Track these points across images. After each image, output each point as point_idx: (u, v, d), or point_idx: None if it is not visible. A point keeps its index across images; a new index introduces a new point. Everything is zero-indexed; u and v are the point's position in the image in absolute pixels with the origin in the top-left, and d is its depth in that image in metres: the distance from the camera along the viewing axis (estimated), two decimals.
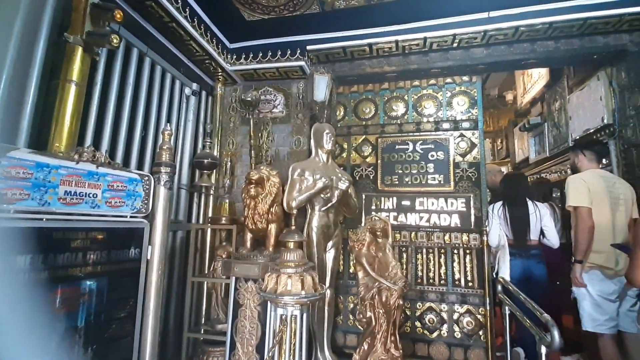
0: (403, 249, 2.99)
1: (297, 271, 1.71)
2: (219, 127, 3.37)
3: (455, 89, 3.17)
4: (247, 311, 2.12)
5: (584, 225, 2.18)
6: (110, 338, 1.71)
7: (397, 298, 1.62)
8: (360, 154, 3.30)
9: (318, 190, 2.44)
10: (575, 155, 2.51)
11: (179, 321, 2.80)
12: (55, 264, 1.50)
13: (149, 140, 2.66)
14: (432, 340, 2.78)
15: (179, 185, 2.99)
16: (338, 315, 2.98)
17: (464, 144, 3.04)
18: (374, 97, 3.39)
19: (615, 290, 2.17)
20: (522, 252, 2.61)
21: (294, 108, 3.29)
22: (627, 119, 2.65)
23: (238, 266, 2.14)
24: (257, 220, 2.23)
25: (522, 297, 2.02)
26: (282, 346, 1.64)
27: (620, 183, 2.34)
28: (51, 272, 1.48)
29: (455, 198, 2.95)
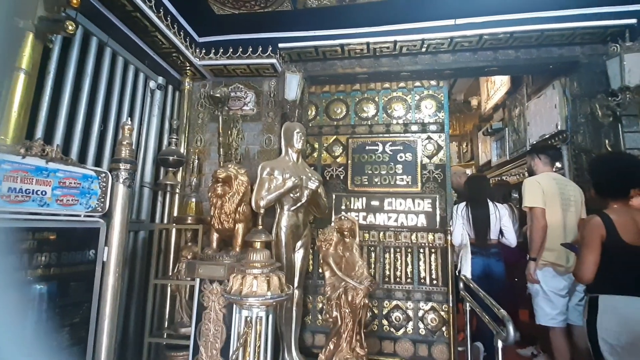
0: (372, 249, 3.03)
1: (263, 272, 1.68)
2: (186, 124, 3.25)
3: (424, 92, 3.26)
4: (211, 314, 2.06)
5: (538, 224, 2.32)
6: (61, 346, 1.60)
7: (362, 297, 1.64)
8: (331, 154, 3.31)
9: (287, 189, 2.41)
10: (531, 159, 2.66)
11: (139, 326, 2.67)
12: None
13: (108, 135, 2.52)
14: (398, 338, 2.84)
15: (142, 183, 2.85)
16: (307, 315, 2.97)
17: (431, 146, 3.13)
18: (345, 98, 3.41)
19: (565, 286, 2.32)
20: (482, 250, 2.73)
21: (265, 106, 3.24)
22: (578, 126, 2.84)
23: (203, 267, 2.07)
24: (224, 219, 2.17)
25: (481, 294, 2.11)
26: (247, 349, 1.61)
27: (571, 185, 2.50)
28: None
29: (422, 199, 3.03)
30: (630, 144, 2.53)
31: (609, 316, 1.60)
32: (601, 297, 1.64)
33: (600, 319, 1.62)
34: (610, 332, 1.58)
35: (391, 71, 3.10)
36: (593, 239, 1.64)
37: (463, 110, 6.41)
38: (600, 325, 1.61)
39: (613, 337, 1.57)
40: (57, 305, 1.60)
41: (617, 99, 2.45)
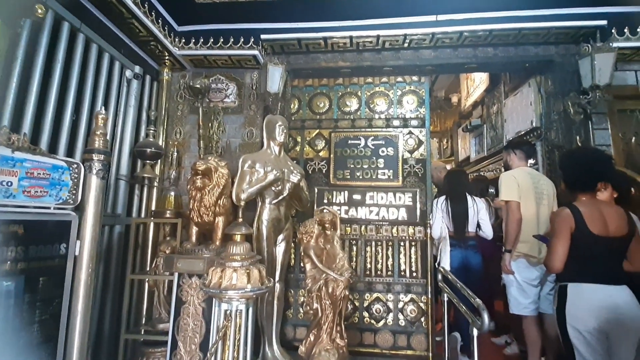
0: (353, 242, 3.05)
1: (243, 265, 1.66)
2: (164, 115, 3.16)
3: (406, 87, 3.29)
4: (190, 308, 2.02)
5: (513, 217, 2.39)
6: (28, 343, 1.53)
7: (343, 289, 1.65)
8: (313, 148, 3.30)
9: (269, 182, 2.39)
10: (507, 154, 2.74)
11: (115, 322, 2.59)
12: None
13: (81, 126, 2.41)
14: (378, 329, 2.88)
15: (118, 175, 2.75)
16: (288, 309, 2.97)
17: (412, 141, 3.17)
18: (328, 92, 3.40)
19: (537, 277, 2.41)
20: (461, 243, 2.80)
21: (247, 98, 3.19)
22: (551, 123, 2.94)
23: (181, 261, 2.03)
24: (204, 212, 2.13)
25: (459, 285, 2.17)
26: (226, 342, 1.59)
27: (545, 180, 2.60)
28: None
29: (403, 193, 3.07)
30: (599, 141, 2.65)
31: (577, 303, 1.67)
32: (570, 286, 1.71)
33: (569, 306, 1.69)
34: (578, 319, 1.66)
35: (374, 66, 3.11)
36: (563, 230, 1.71)
37: (444, 107, 6.52)
38: (568, 313, 1.68)
39: (580, 323, 1.65)
40: (25, 302, 1.53)
41: (587, 97, 2.56)
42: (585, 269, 1.69)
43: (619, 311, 1.60)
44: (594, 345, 1.62)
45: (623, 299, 1.63)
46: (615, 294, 1.64)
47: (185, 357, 1.99)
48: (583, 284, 1.68)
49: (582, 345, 1.64)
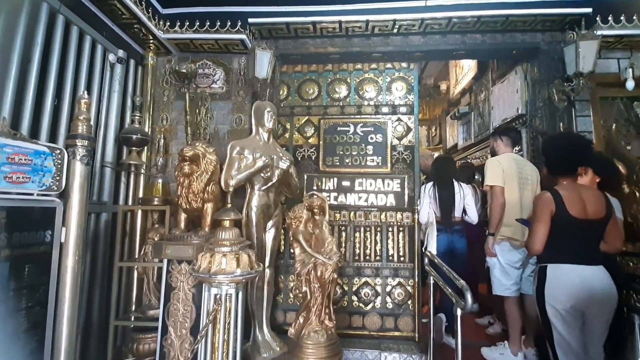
0: (342, 228, 3.09)
1: (233, 250, 1.67)
2: (150, 101, 3.10)
3: (395, 74, 3.29)
4: (180, 294, 2.03)
5: (497, 202, 2.46)
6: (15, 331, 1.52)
7: (331, 272, 1.68)
8: (302, 135, 3.30)
9: (258, 169, 2.39)
10: (494, 140, 2.79)
11: (104, 310, 2.59)
12: None
13: (63, 111, 2.35)
14: (367, 312, 2.95)
15: (103, 163, 2.71)
16: (278, 294, 3.00)
17: (401, 127, 3.19)
18: (317, 78, 3.37)
19: (519, 259, 2.50)
20: (447, 227, 2.87)
21: (235, 84, 3.14)
22: (536, 110, 3.00)
23: (170, 247, 2.02)
24: (192, 199, 2.12)
25: (444, 268, 2.23)
26: (216, 325, 1.61)
27: (529, 166, 2.66)
28: None
29: (392, 179, 3.11)
30: (581, 127, 2.71)
31: (555, 283, 1.74)
32: (549, 267, 1.78)
33: (548, 286, 1.76)
34: (556, 297, 1.73)
35: (363, 52, 3.09)
36: (543, 213, 1.77)
37: (432, 94, 6.55)
38: (547, 292, 1.76)
39: (558, 302, 1.72)
40: (11, 289, 1.51)
41: (571, 85, 2.60)
42: (564, 250, 1.76)
43: (594, 290, 1.68)
44: (570, 322, 1.71)
45: (599, 278, 1.71)
46: (591, 274, 1.72)
47: (176, 341, 2.01)
48: (562, 264, 1.75)
49: (559, 322, 1.73)
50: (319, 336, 1.67)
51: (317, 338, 1.66)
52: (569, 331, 1.71)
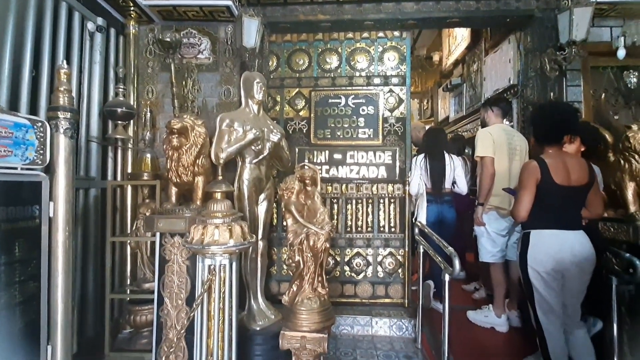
0: (334, 201, 3.12)
1: (225, 221, 1.67)
2: (134, 73, 2.98)
3: (387, 44, 3.21)
4: (174, 266, 2.05)
5: (487, 172, 2.50)
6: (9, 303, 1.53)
7: (324, 242, 1.71)
8: (293, 108, 3.24)
9: (248, 141, 2.35)
10: (485, 111, 2.79)
11: (99, 283, 2.61)
12: None
13: (43, 83, 2.25)
14: (358, 281, 3.05)
15: (89, 137, 2.64)
16: (272, 266, 3.07)
17: (393, 99, 3.16)
18: (307, 48, 3.28)
19: (506, 227, 2.58)
20: (437, 198, 2.93)
21: (222, 55, 3.04)
22: (528, 80, 2.98)
23: (162, 221, 2.02)
24: (182, 172, 2.09)
25: (435, 237, 2.29)
26: (212, 294, 1.64)
27: (518, 136, 2.69)
28: None
29: (383, 151, 3.11)
30: (571, 97, 2.72)
31: (538, 247, 1.81)
32: (532, 232, 1.85)
33: (531, 250, 1.83)
34: (538, 261, 1.81)
35: (354, 20, 2.99)
36: (529, 182, 1.81)
37: (425, 65, 6.45)
38: (530, 256, 1.83)
39: (539, 265, 1.80)
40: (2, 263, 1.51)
41: (564, 54, 2.58)
42: (548, 216, 1.81)
43: (574, 253, 1.75)
44: (550, 284, 1.79)
45: (579, 242, 1.78)
46: (572, 238, 1.78)
47: (173, 311, 2.05)
48: (544, 230, 1.82)
49: (540, 284, 1.81)
50: (312, 303, 1.72)
51: (311, 305, 1.72)
52: (549, 292, 1.80)
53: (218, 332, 1.66)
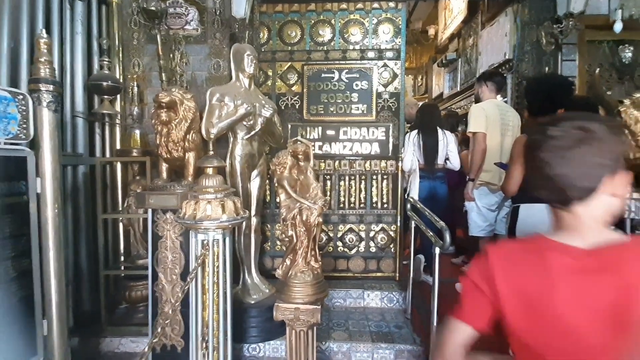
0: (327, 177, 3.12)
1: (217, 196, 1.67)
2: (119, 45, 2.86)
3: (382, 15, 3.11)
4: (167, 242, 2.05)
5: (479, 147, 2.51)
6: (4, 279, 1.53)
7: (317, 216, 1.71)
8: (285, 82, 3.16)
9: (240, 116, 2.30)
10: (479, 86, 2.77)
11: (92, 260, 2.62)
12: None
13: (22, 55, 2.14)
14: (351, 256, 3.11)
15: (74, 113, 2.56)
16: (266, 242, 3.10)
17: (387, 74, 3.10)
18: (299, 20, 3.16)
19: (496, 202, 2.62)
20: (430, 174, 2.94)
21: (211, 25, 2.91)
22: (523, 54, 2.94)
23: (154, 197, 2.00)
24: (172, 148, 2.06)
25: (427, 213, 2.32)
26: (205, 269, 1.66)
27: (511, 112, 2.68)
28: None
29: (376, 127, 3.09)
30: (566, 72, 2.71)
31: (526, 221, 1.85)
32: (522, 206, 1.88)
33: (519, 224, 1.87)
34: (525, 233, 1.84)
35: None
36: (520, 156, 1.82)
37: (420, 40, 6.32)
38: (518, 229, 1.87)
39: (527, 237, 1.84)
40: None
41: (560, 26, 2.54)
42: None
43: None
44: None
45: None
46: None
47: (167, 286, 2.07)
48: (533, 204, 1.84)
49: None
50: (306, 276, 1.75)
51: (304, 278, 1.74)
52: None
53: (213, 305, 1.69)
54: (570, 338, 0.68)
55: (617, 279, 0.65)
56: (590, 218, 0.70)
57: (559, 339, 0.68)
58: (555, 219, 0.76)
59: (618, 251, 0.68)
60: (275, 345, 2.31)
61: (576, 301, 0.67)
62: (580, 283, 0.67)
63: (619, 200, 0.71)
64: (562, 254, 0.70)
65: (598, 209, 0.70)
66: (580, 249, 0.69)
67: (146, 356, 0.96)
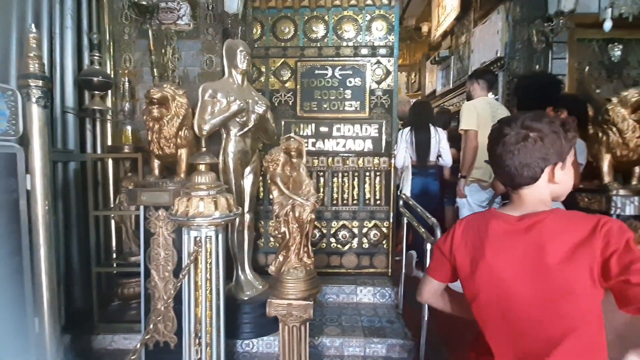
0: (321, 174, 3.13)
1: (210, 193, 1.67)
2: (109, 39, 2.83)
3: (375, 12, 3.11)
4: (160, 239, 2.05)
5: (470, 145, 2.53)
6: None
7: (309, 213, 1.72)
8: (279, 79, 3.16)
9: (232, 113, 2.30)
10: (471, 84, 2.79)
11: (84, 258, 2.60)
12: None
13: (11, 49, 2.10)
14: (344, 252, 3.13)
15: (64, 108, 2.52)
16: (259, 238, 3.10)
17: (380, 71, 3.11)
18: (293, 16, 3.15)
19: (486, 199, 2.65)
20: (422, 171, 2.97)
21: (203, 20, 2.89)
22: (515, 52, 2.98)
23: (146, 194, 1.99)
24: (164, 144, 2.04)
25: (418, 209, 2.35)
26: (198, 265, 1.66)
27: (502, 109, 2.71)
28: None
29: (370, 124, 3.10)
30: (556, 70, 2.74)
31: None
32: None
33: None
34: None
35: None
36: None
37: (414, 37, 6.33)
38: None
39: None
40: None
41: (551, 24, 2.57)
42: None
43: None
44: None
45: None
46: None
47: (160, 283, 2.07)
48: None
49: None
50: (299, 272, 1.76)
51: (297, 274, 1.76)
52: None
53: (206, 302, 1.70)
54: (499, 285, 0.83)
55: (534, 238, 0.81)
56: (533, 198, 0.86)
57: (491, 285, 0.85)
58: (510, 196, 0.92)
59: (539, 218, 0.82)
60: (268, 341, 2.33)
61: (503, 255, 0.83)
62: (507, 241, 0.84)
63: (559, 186, 0.87)
64: (500, 220, 0.88)
65: (540, 192, 0.86)
66: (514, 216, 0.86)
67: (138, 353, 0.97)
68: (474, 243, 0.89)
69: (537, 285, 0.79)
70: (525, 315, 0.81)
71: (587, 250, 0.74)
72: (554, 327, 0.78)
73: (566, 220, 0.81)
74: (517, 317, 0.82)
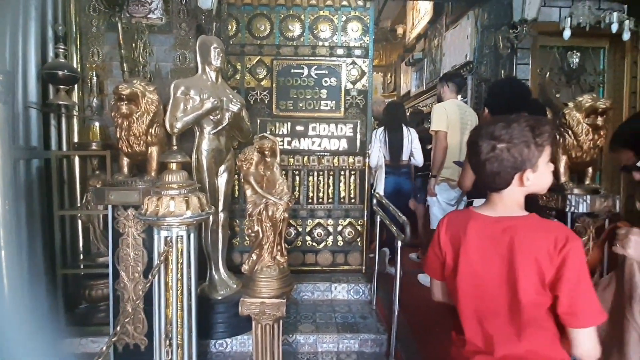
0: (296, 173, 3.14)
1: (181, 192, 1.65)
2: (76, 32, 2.71)
3: (350, 13, 3.15)
4: (129, 239, 2.00)
5: (440, 145, 2.64)
6: None
7: (282, 212, 1.74)
8: (254, 77, 3.14)
9: (206, 111, 2.27)
10: (441, 87, 2.89)
11: (50, 259, 2.49)
12: None
13: None
14: (319, 250, 3.16)
15: (27, 103, 2.40)
16: (234, 237, 3.08)
17: (355, 71, 3.16)
18: (269, 13, 3.13)
19: (455, 197, 2.77)
20: (395, 170, 3.06)
21: (176, 15, 2.82)
22: (482, 57, 3.11)
23: (114, 193, 1.94)
24: (134, 142, 1.99)
25: (391, 207, 2.42)
26: (169, 266, 1.64)
27: (470, 111, 2.84)
28: None
29: (345, 124, 3.14)
30: (520, 75, 2.89)
31: None
32: (475, 201, 2.00)
33: None
34: None
35: None
36: None
37: (389, 38, 6.45)
38: None
39: None
40: None
41: (516, 32, 2.70)
42: None
43: None
44: None
45: None
46: None
47: (130, 284, 2.02)
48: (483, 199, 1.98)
49: None
50: (272, 270, 1.77)
51: (270, 272, 1.77)
52: None
53: (177, 302, 1.68)
54: (476, 280, 0.94)
55: (507, 239, 0.90)
56: (508, 200, 0.95)
57: (470, 279, 0.95)
58: (488, 197, 1.01)
59: (514, 221, 0.92)
60: (242, 339, 2.33)
61: (480, 253, 0.93)
62: (483, 240, 0.94)
63: (534, 186, 0.94)
64: (477, 220, 0.97)
65: (513, 195, 0.95)
66: (490, 217, 0.95)
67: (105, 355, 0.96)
68: (455, 240, 0.99)
69: (506, 285, 0.90)
70: (493, 306, 0.93)
71: (545, 264, 0.85)
72: (515, 319, 0.90)
73: (533, 232, 0.90)
74: (486, 306, 0.94)
